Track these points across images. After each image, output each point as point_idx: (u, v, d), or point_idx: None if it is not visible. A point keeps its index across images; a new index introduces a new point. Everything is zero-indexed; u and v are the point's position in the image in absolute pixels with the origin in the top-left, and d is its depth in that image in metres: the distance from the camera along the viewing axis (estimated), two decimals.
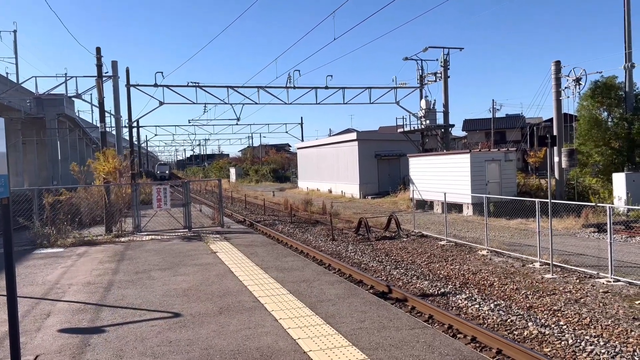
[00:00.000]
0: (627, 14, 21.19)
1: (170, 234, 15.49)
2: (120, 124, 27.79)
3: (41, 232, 14.19)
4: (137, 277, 9.49)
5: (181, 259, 11.25)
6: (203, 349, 5.59)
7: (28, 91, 38.31)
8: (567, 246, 13.55)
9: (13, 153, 36.70)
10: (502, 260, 12.30)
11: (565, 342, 6.99)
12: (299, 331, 6.05)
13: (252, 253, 11.71)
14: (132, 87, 29.79)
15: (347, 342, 5.64)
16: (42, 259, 11.90)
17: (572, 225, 17.00)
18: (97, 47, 17.43)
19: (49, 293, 8.48)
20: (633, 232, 15.23)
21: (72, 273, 10.07)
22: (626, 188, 18.98)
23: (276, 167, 70.90)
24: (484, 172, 21.82)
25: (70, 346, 5.83)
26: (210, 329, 6.26)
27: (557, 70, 22.99)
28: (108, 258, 11.66)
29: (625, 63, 21.39)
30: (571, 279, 10.25)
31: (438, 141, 31.67)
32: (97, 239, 14.52)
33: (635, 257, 11.95)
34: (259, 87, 32.64)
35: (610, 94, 22.18)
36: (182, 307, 7.31)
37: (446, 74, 30.25)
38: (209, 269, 9.95)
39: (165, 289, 8.47)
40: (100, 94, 17.51)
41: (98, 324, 6.65)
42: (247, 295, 7.86)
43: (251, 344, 5.71)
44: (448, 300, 9.30)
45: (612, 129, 22.33)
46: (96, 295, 8.17)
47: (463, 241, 14.93)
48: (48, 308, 7.52)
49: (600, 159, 22.34)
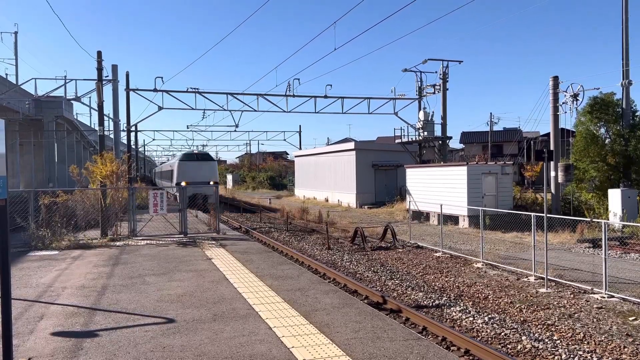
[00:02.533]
0: (625, 32, 21.40)
1: (165, 239, 15.45)
2: (118, 127, 27.77)
3: (36, 234, 14.14)
4: (131, 281, 9.47)
5: (176, 264, 11.22)
6: (196, 356, 5.57)
7: (27, 93, 38.28)
8: (562, 260, 13.58)
9: (10, 154, 36.61)
10: (497, 274, 12.32)
11: (559, 356, 7.00)
12: (293, 340, 6.04)
13: (248, 260, 11.70)
14: (132, 91, 29.87)
15: (341, 351, 5.64)
16: (36, 261, 11.85)
17: (567, 240, 17.05)
18: (98, 50, 17.56)
19: (42, 296, 8.44)
20: (628, 249, 15.28)
21: (67, 276, 10.03)
22: (621, 204, 19.07)
23: (273, 175, 71.01)
24: (481, 184, 21.88)
25: (63, 350, 5.81)
26: (204, 336, 6.25)
27: (555, 85, 23.16)
28: (103, 262, 11.62)
29: (623, 80, 21.55)
30: (565, 293, 10.26)
31: (435, 153, 31.77)
32: (93, 243, 14.48)
33: (629, 274, 11.98)
34: (258, 94, 32.74)
35: (608, 111, 22.33)
36: (176, 312, 7.29)
37: (445, 86, 30.41)
38: (203, 275, 9.93)
39: (159, 294, 8.45)
40: (99, 97, 17.52)
41: (91, 327, 6.63)
42: (242, 302, 7.85)
43: (245, 351, 5.69)
44: (442, 312, 9.30)
45: (609, 145, 22.46)
46: (90, 299, 8.15)
47: (458, 253, 14.94)
48: (41, 311, 7.49)
49: (597, 174, 22.45)
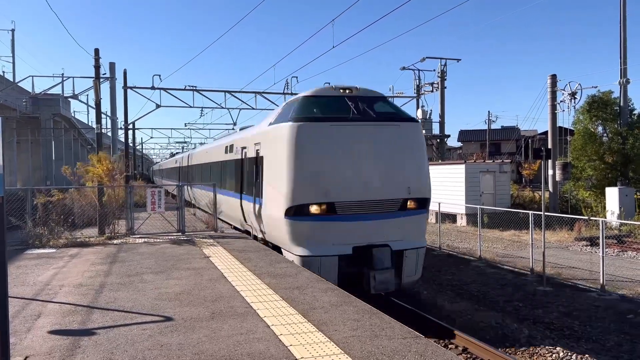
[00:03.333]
0: (623, 31, 21.42)
1: (163, 237, 15.42)
2: (116, 125, 27.74)
3: (33, 233, 14.09)
4: (129, 279, 9.44)
5: (174, 262, 11.20)
6: (194, 354, 5.56)
7: (24, 90, 38.19)
8: (559, 259, 13.60)
9: (7, 152, 36.55)
10: (495, 271, 12.33)
11: (557, 354, 7.01)
12: (291, 338, 6.03)
13: (246, 258, 11.68)
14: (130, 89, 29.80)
15: (339, 349, 5.63)
16: (33, 259, 11.81)
17: (565, 238, 17.07)
18: (95, 48, 17.47)
19: (39, 294, 8.41)
20: (625, 247, 15.31)
21: (64, 274, 10.00)
22: (619, 202, 19.09)
23: None
24: (479, 183, 21.90)
25: (60, 348, 5.79)
26: (202, 334, 6.23)
27: (553, 84, 23.18)
28: (100, 260, 11.59)
29: (621, 79, 21.59)
30: (563, 291, 10.28)
31: (433, 151, 31.79)
32: (90, 241, 14.43)
33: (626, 271, 12.01)
34: (256, 92, 32.64)
35: (606, 109, 22.36)
36: (174, 311, 7.27)
37: (443, 85, 30.40)
38: (201, 274, 9.91)
39: (157, 292, 8.43)
40: (97, 95, 17.47)
41: (89, 326, 6.61)
42: (240, 300, 7.84)
43: (243, 349, 5.68)
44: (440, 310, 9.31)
45: (606, 143, 22.49)
46: (87, 297, 8.12)
47: (457, 251, 14.95)
48: (39, 309, 7.47)
49: (594, 173, 22.47)
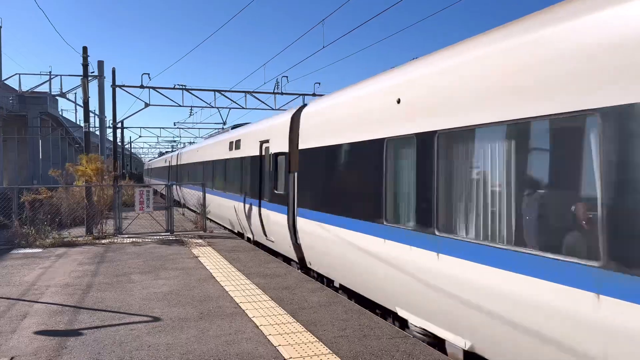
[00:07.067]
0: None
1: (151, 237, 15.34)
2: (104, 124, 27.55)
3: (20, 232, 13.95)
4: (116, 279, 9.39)
5: (162, 262, 11.15)
6: (182, 354, 5.55)
7: (11, 88, 37.74)
8: None
9: None
10: None
11: None
12: (280, 338, 6.04)
13: (235, 259, 11.66)
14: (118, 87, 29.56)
15: (328, 349, 5.65)
16: (19, 259, 11.70)
17: None
18: (83, 46, 17.34)
19: (25, 294, 8.34)
20: None
21: (51, 274, 9.92)
22: None
23: None
24: None
25: (47, 349, 5.74)
26: (190, 334, 6.22)
27: None
28: (88, 260, 11.51)
29: None
30: None
31: None
32: (77, 240, 14.33)
33: None
34: (246, 92, 32.51)
35: None
36: (162, 311, 7.25)
37: None
38: (190, 274, 9.88)
39: (145, 292, 8.39)
40: (85, 93, 17.32)
41: (76, 326, 6.56)
42: (228, 300, 7.82)
43: (231, 349, 5.68)
44: None
45: None
46: (74, 298, 8.06)
47: None
48: (25, 309, 7.40)
49: None
